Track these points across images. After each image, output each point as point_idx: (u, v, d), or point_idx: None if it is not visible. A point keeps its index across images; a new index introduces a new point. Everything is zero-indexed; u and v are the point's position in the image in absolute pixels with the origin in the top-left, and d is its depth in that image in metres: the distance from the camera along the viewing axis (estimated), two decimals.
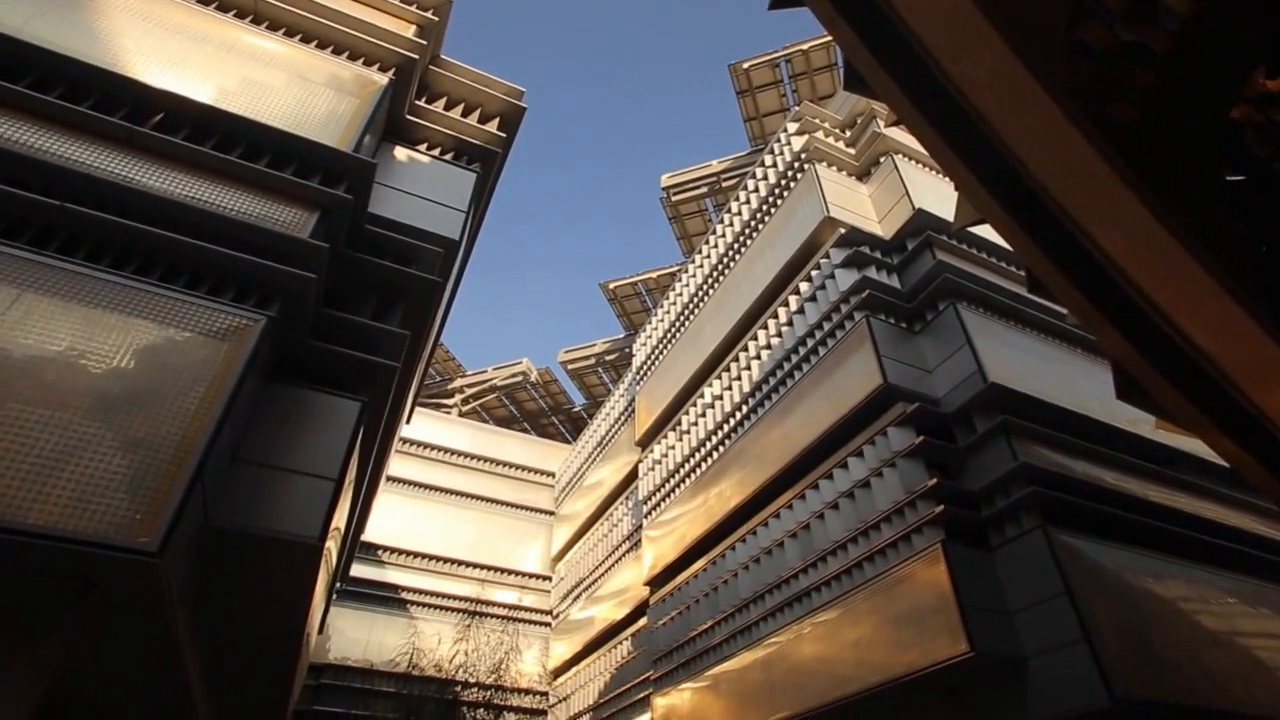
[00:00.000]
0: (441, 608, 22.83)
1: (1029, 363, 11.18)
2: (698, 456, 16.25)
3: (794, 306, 13.96)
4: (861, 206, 14.15)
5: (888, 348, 11.28)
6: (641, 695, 16.50)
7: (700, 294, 18.48)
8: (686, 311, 19.11)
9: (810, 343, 13.12)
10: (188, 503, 4.77)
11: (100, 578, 4.80)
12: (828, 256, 13.27)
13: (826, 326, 12.80)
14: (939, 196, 12.87)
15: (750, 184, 17.23)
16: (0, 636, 4.46)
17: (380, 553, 24.52)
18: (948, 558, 8.95)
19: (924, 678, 8.82)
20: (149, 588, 4.95)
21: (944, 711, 9.36)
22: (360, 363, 7.28)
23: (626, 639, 18.91)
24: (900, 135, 14.16)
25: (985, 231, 12.22)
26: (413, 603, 23.65)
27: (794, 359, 13.43)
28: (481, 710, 9.86)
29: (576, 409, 35.21)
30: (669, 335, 19.91)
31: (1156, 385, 4.38)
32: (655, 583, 16.62)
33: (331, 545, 7.27)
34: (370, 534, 22.93)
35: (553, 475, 29.10)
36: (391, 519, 24.73)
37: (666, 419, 18.52)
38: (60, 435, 4.74)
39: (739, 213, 17.42)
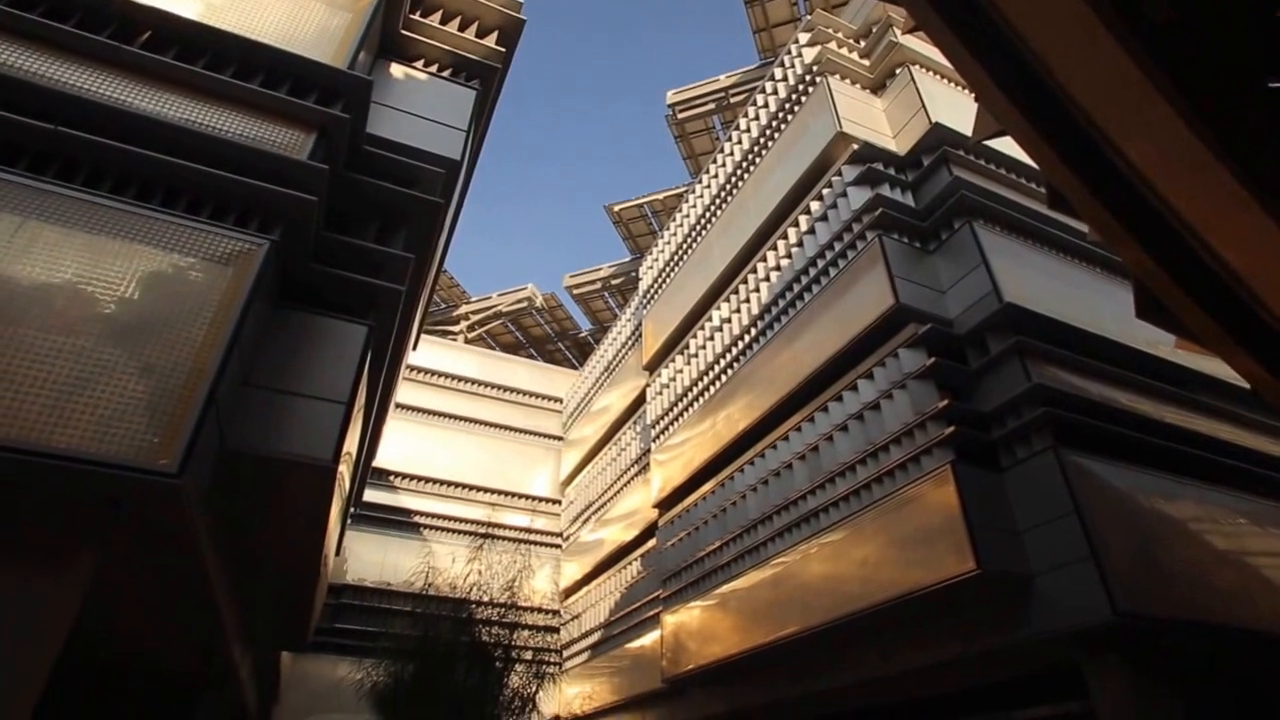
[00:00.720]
0: (454, 531, 23.61)
1: (1045, 282, 11.10)
2: (706, 380, 16.40)
3: (804, 226, 13.79)
4: (876, 121, 13.78)
5: (900, 268, 11.19)
6: (651, 613, 17.17)
7: (708, 215, 18.24)
8: (694, 233, 18.91)
9: (821, 263, 13.03)
10: (203, 426, 4.90)
11: (125, 499, 4.98)
12: (840, 174, 13.02)
13: (838, 247, 12.68)
14: (957, 110, 12.51)
15: (759, 99, 16.74)
16: (35, 553, 4.69)
17: (392, 478, 25.17)
18: (957, 478, 9.13)
19: (929, 595, 9.14)
20: (172, 508, 5.14)
21: (948, 628, 9.72)
22: (365, 287, 7.29)
23: (636, 560, 19.53)
24: (917, 44, 13.64)
25: (1004, 146, 11.93)
26: (426, 526, 24.45)
27: (804, 280, 13.37)
28: (496, 626, 10.30)
29: (583, 334, 35.33)
30: (676, 258, 19.76)
31: (1179, 303, 4.36)
32: (664, 505, 17.05)
33: (344, 469, 7.47)
34: (382, 460, 23.49)
35: (560, 401, 29.49)
36: (402, 445, 25.29)
37: (674, 343, 18.60)
38: (76, 362, 4.83)
39: (747, 130, 17.00)
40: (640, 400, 21.02)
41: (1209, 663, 10.20)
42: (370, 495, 23.45)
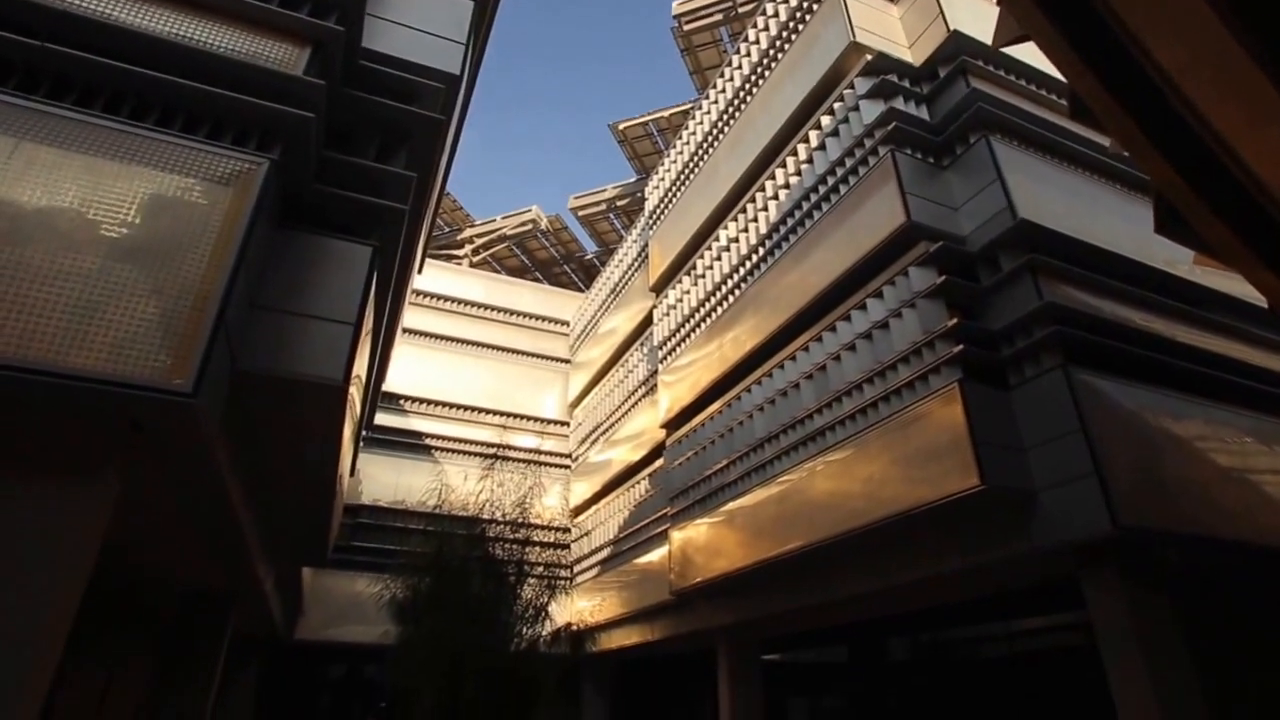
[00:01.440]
0: (464, 453, 24.12)
1: (1062, 199, 10.88)
2: (713, 301, 16.35)
3: (814, 142, 13.44)
4: (891, 30, 13.22)
5: (913, 184, 10.97)
6: (659, 530, 17.66)
7: (715, 132, 17.78)
8: (700, 151, 18.48)
9: (831, 180, 12.77)
10: (214, 347, 4.95)
11: (144, 418, 5.09)
12: (852, 87, 12.60)
13: (849, 163, 12.40)
14: (977, 17, 11.99)
15: (768, 8, 16.03)
16: (64, 470, 4.85)
17: (403, 402, 25.55)
18: (964, 396, 9.19)
19: (933, 511, 9.35)
20: (189, 428, 5.26)
21: (949, 543, 9.98)
22: (368, 206, 7.21)
23: (644, 479, 19.96)
24: None
25: (1025, 54, 11.50)
26: (437, 449, 24.97)
27: (813, 198, 13.14)
28: (508, 543, 10.64)
29: (588, 256, 35.06)
30: (682, 177, 19.39)
31: (1201, 218, 4.27)
32: (671, 425, 17.30)
33: (355, 391, 7.58)
34: (392, 385, 23.78)
35: (567, 324, 29.54)
36: (412, 370, 25.56)
37: (681, 264, 18.46)
38: (85, 285, 4.84)
39: (756, 41, 16.36)
40: (647, 322, 21.02)
41: (1205, 575, 10.51)
42: (382, 419, 23.86)
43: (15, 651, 4.41)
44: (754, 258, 14.91)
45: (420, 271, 16.52)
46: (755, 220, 15.14)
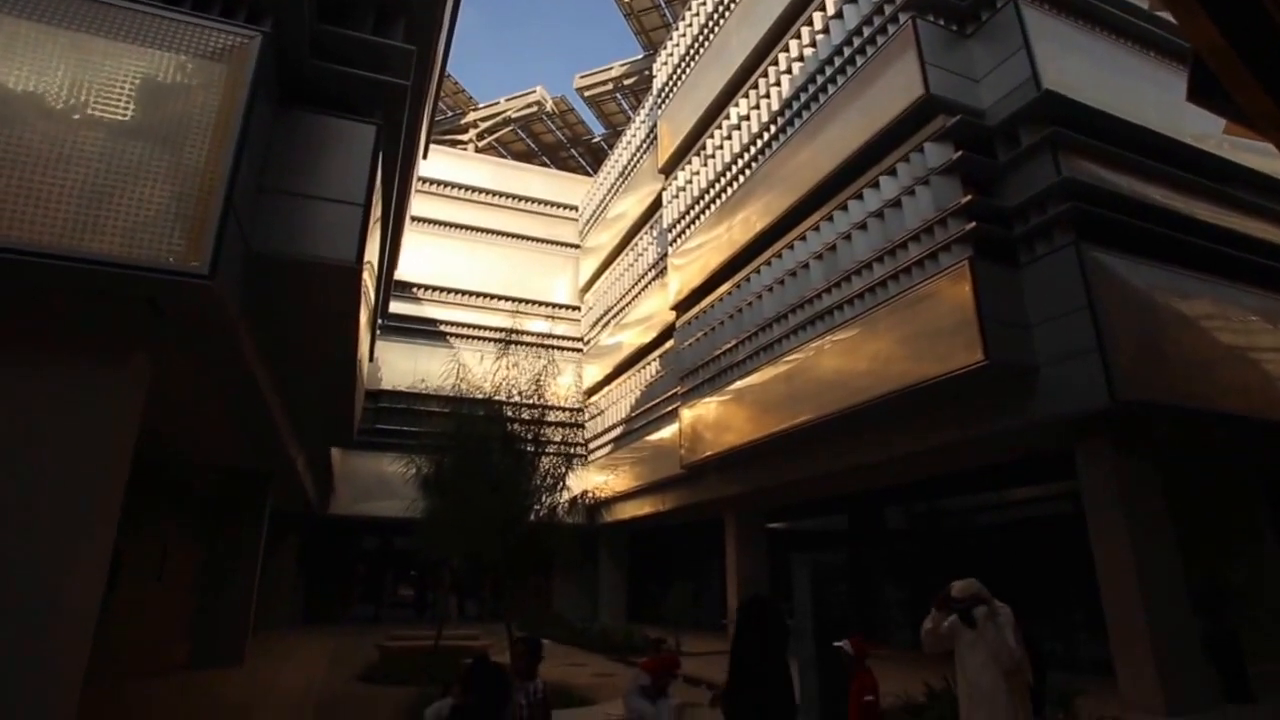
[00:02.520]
0: (479, 339, 24.30)
1: (1089, 68, 10.26)
2: (723, 181, 15.89)
3: (831, 9, 12.59)
4: None
5: (933, 54, 10.34)
6: (670, 409, 18.01)
7: (726, 1, 16.67)
8: (711, 23, 17.40)
9: (847, 51, 12.05)
10: (225, 230, 4.85)
11: (165, 302, 5.08)
12: None
13: (866, 31, 11.65)
14: None
15: None
16: (93, 353, 4.92)
17: (416, 290, 25.55)
18: (974, 274, 9.05)
19: (936, 386, 9.41)
20: (209, 310, 5.25)
21: (950, 416, 10.11)
22: (369, 83, 6.87)
23: (654, 360, 20.16)
24: None
25: None
26: (452, 335, 25.18)
27: (828, 71, 12.45)
28: (524, 421, 10.87)
29: (596, 139, 33.89)
30: (692, 51, 18.37)
31: (1240, 83, 3.99)
32: (681, 307, 17.26)
33: (368, 277, 7.51)
34: (405, 273, 23.70)
35: (576, 209, 29.00)
36: (423, 258, 25.41)
37: (690, 143, 17.80)
38: (90, 170, 4.70)
39: None
40: (656, 205, 20.57)
41: (1192, 445, 10.68)
42: (396, 307, 23.95)
43: (75, 520, 4.62)
44: (766, 135, 14.34)
45: (425, 157, 16.03)
46: (767, 96, 14.44)
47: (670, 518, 20.30)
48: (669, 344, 18.61)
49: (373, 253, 7.71)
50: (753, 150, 14.77)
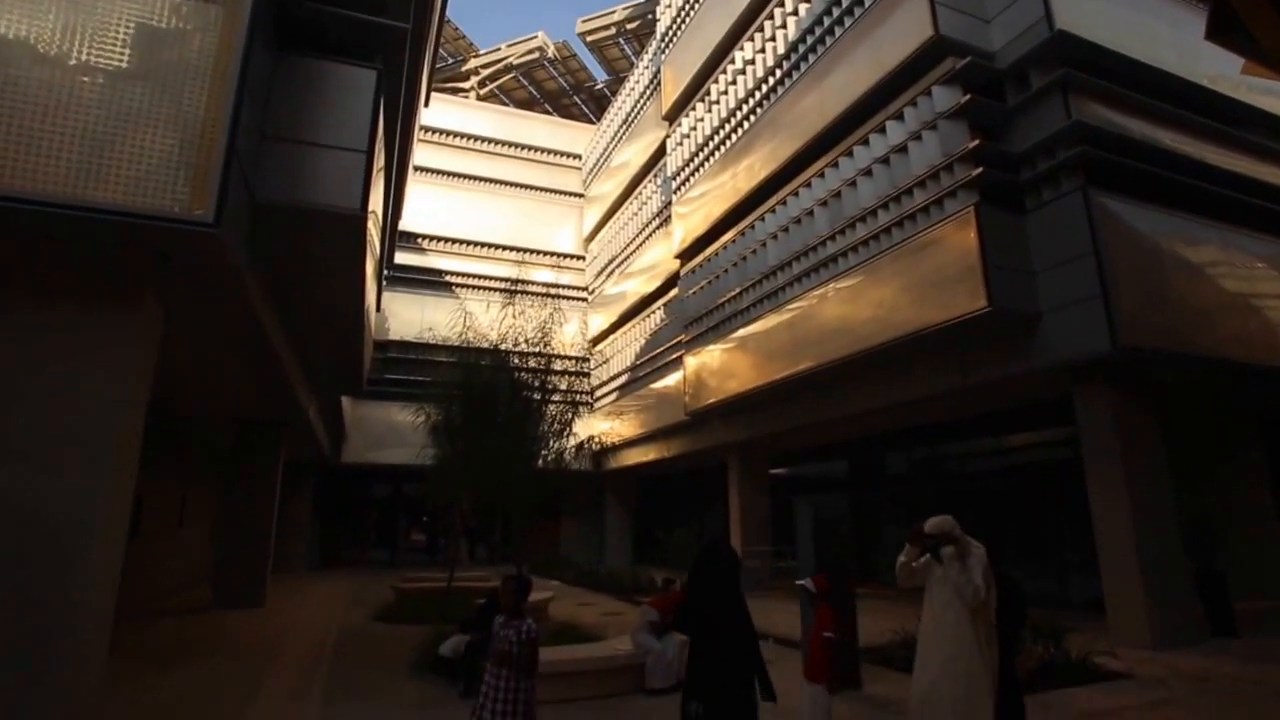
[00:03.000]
0: (484, 289, 24.24)
1: (1103, 8, 9.91)
2: (728, 127, 15.58)
3: None
4: None
5: None
6: (674, 357, 18.04)
7: None
8: None
9: None
10: (229, 178, 4.79)
11: (171, 250, 5.07)
12: None
13: None
14: None
15: None
16: (105, 301, 4.92)
17: (421, 241, 25.40)
18: (979, 220, 8.93)
19: (939, 333, 9.39)
20: (216, 258, 5.23)
21: (951, 363, 10.11)
22: (367, 26, 6.70)
23: (659, 309, 20.12)
24: None
25: None
26: (457, 285, 25.12)
27: (835, 12, 12.07)
28: (531, 370, 10.89)
29: (599, 86, 33.13)
30: None
31: (1263, 19, 3.86)
32: (685, 255, 17.13)
33: (372, 226, 7.45)
34: (409, 224, 23.50)
35: (579, 157, 28.55)
36: (427, 208, 25.18)
37: (695, 89, 17.39)
38: (89, 118, 4.61)
39: None
40: (660, 153, 20.22)
41: (1190, 391, 10.69)
42: (402, 258, 23.83)
43: (97, 461, 4.70)
44: (771, 80, 13.99)
45: (427, 105, 15.72)
46: (773, 40, 14.04)
47: (675, 464, 20.55)
48: (673, 292, 18.53)
49: (376, 202, 7.63)
50: (758, 95, 14.43)
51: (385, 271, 18.41)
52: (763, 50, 14.37)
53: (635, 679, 6.76)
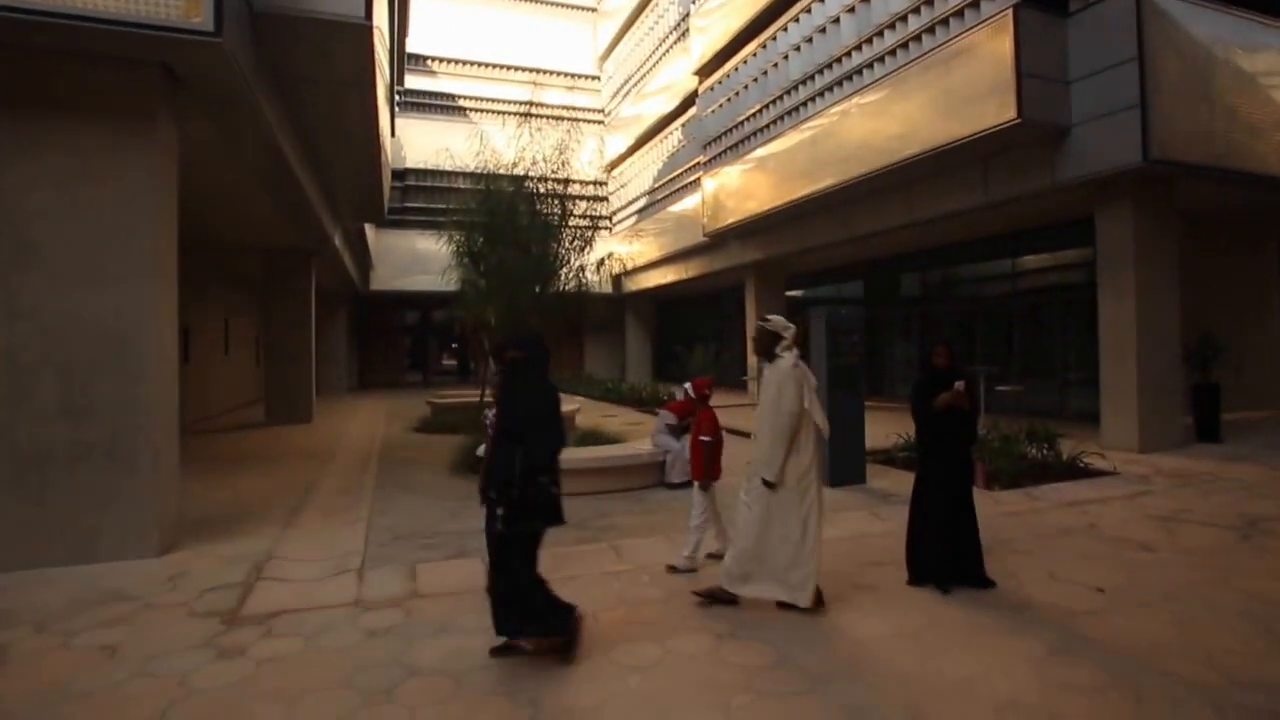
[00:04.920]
0: (498, 112, 23.10)
1: None
2: None
3: None
4: None
5: None
6: (692, 178, 17.50)
7: None
8: None
9: None
10: None
11: (175, 63, 4.82)
12: None
13: None
14: None
15: None
16: (120, 120, 4.75)
17: (430, 62, 23.99)
18: (1017, 23, 8.14)
19: (964, 146, 8.92)
20: (221, 70, 4.98)
21: (974, 180, 9.70)
22: None
23: (676, 130, 19.24)
24: None
25: None
26: (471, 110, 24.03)
27: None
28: (549, 193, 10.63)
29: None
30: None
31: None
32: (704, 71, 16.06)
33: (379, 45, 6.97)
34: (417, 46, 22.05)
35: None
36: (434, 27, 23.50)
37: None
38: None
39: None
40: None
41: (1216, 208, 10.27)
42: (413, 82, 22.63)
43: (139, 274, 4.76)
44: None
45: None
46: None
47: (692, 285, 20.61)
48: (691, 111, 17.59)
49: (381, 17, 7.07)
50: None
51: (397, 95, 17.53)
52: None
53: (657, 474, 7.28)
